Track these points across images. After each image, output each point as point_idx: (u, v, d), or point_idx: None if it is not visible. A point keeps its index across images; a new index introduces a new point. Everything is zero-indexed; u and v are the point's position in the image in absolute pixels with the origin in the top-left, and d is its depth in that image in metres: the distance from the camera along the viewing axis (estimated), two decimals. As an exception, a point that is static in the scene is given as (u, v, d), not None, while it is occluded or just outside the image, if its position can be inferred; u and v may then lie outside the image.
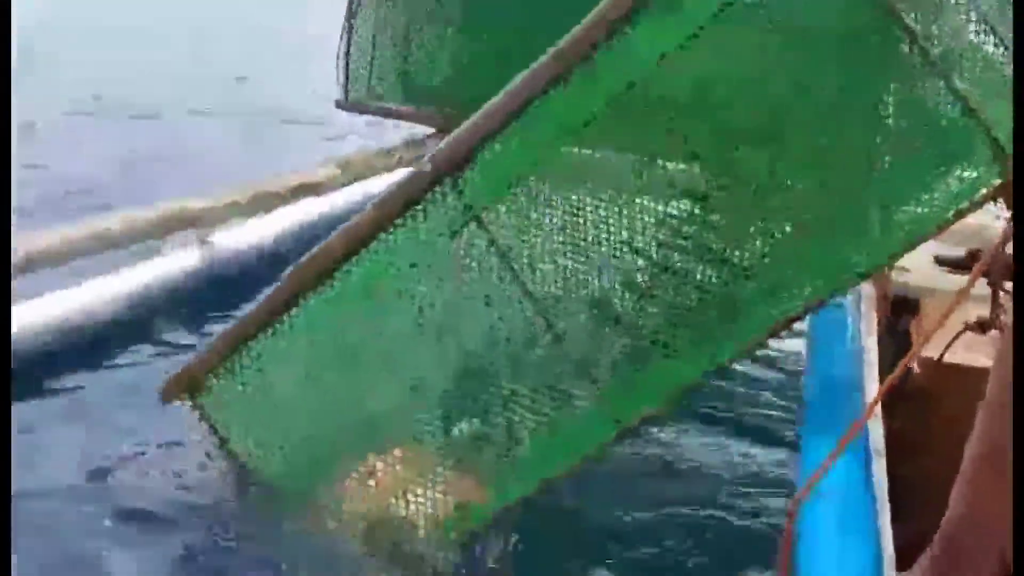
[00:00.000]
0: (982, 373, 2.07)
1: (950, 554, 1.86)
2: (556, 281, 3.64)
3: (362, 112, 6.75)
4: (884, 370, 3.52)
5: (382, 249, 3.60)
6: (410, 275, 3.64)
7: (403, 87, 6.30)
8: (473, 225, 3.56)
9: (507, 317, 3.63)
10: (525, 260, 3.60)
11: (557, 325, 3.60)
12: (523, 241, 3.60)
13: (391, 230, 3.58)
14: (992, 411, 1.83)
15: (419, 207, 3.56)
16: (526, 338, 3.65)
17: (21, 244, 5.42)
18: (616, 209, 3.62)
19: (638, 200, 3.62)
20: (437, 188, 3.54)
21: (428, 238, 3.58)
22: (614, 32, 3.36)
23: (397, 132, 7.31)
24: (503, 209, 3.58)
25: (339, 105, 6.61)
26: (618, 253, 3.63)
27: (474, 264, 3.62)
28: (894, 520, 2.35)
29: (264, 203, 6.66)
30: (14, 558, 1.93)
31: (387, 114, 6.50)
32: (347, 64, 6.47)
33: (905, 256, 3.66)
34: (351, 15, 6.42)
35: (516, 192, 3.60)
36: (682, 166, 3.58)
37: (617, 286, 3.65)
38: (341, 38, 6.46)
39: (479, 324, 3.66)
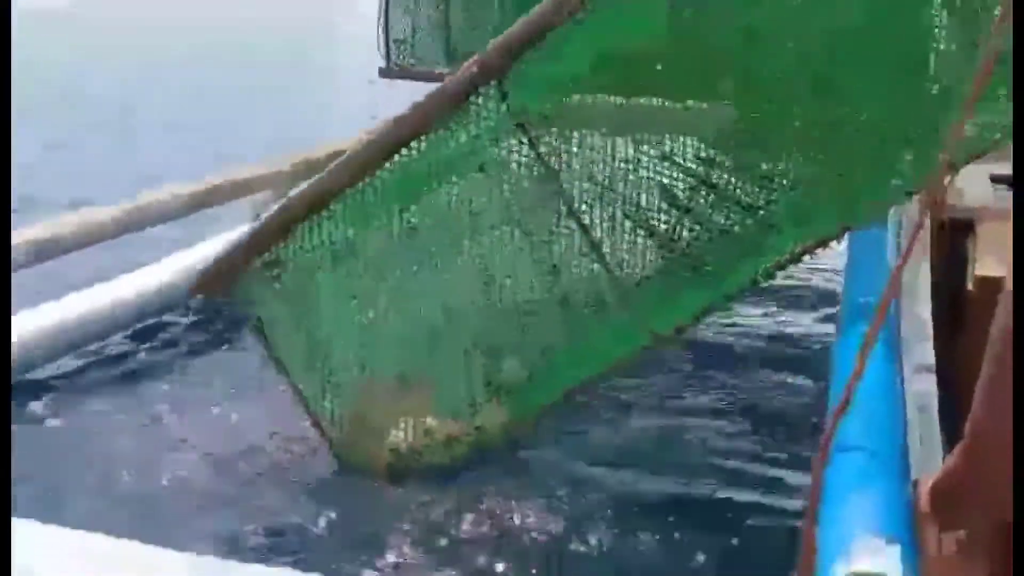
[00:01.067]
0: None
1: (974, 449, 1.88)
2: (596, 191, 3.63)
3: (405, 78, 6.52)
4: (943, 294, 3.50)
5: (420, 152, 3.60)
6: (447, 180, 3.63)
7: (446, 50, 6.19)
8: (518, 131, 3.54)
9: (544, 223, 3.64)
10: (565, 169, 3.59)
11: (595, 232, 3.61)
12: (565, 151, 3.58)
13: (433, 131, 3.56)
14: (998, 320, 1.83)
15: (463, 110, 3.54)
16: (564, 242, 3.66)
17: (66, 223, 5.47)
18: (658, 126, 3.60)
19: (681, 117, 3.59)
20: (481, 91, 3.52)
21: (471, 140, 3.57)
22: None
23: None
24: (547, 119, 3.56)
25: (382, 73, 6.53)
26: (659, 165, 3.62)
27: (515, 170, 3.61)
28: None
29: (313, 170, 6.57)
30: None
31: (431, 78, 6.15)
32: (387, 30, 6.40)
33: (960, 175, 3.62)
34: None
35: (561, 103, 3.57)
36: (724, 83, 3.55)
37: (656, 199, 3.64)
38: (380, 5, 6.38)
39: (514, 230, 3.68)
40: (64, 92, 13.87)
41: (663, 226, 3.64)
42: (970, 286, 3.45)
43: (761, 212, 3.55)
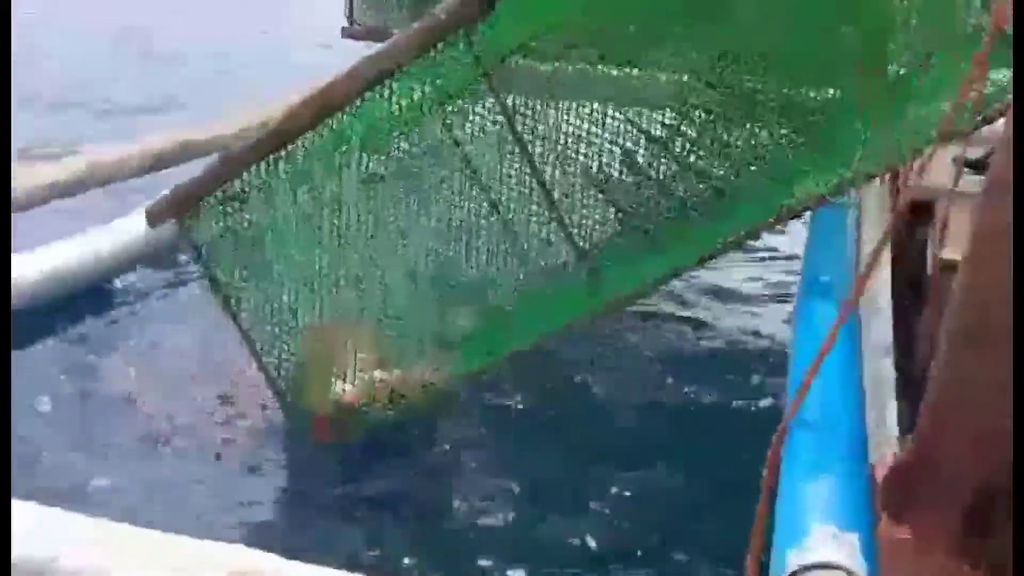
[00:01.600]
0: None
1: (933, 425, 1.88)
2: (558, 151, 3.59)
3: (369, 39, 6.11)
4: (902, 275, 3.49)
5: (382, 96, 3.51)
6: (409, 127, 3.58)
7: (413, 9, 6.05)
8: (482, 80, 3.48)
9: (504, 177, 3.62)
10: (528, 123, 3.55)
11: (554, 192, 3.57)
12: (529, 108, 3.54)
13: (398, 76, 3.48)
14: (964, 286, 1.83)
15: (430, 56, 3.46)
16: (522, 201, 3.62)
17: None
18: (625, 91, 3.56)
19: (647, 84, 3.56)
20: (450, 38, 3.44)
21: (434, 90, 3.50)
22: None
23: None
24: (514, 68, 3.50)
25: (345, 33, 6.37)
26: (623, 129, 3.59)
27: (477, 122, 3.56)
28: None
29: None
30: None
31: None
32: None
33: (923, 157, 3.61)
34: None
35: (529, 53, 3.52)
36: (693, 53, 3.52)
37: (617, 163, 3.61)
38: None
39: (473, 183, 3.64)
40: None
41: (621, 192, 3.60)
42: (930, 269, 3.44)
43: (721, 184, 3.53)
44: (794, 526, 1.99)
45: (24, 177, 5.31)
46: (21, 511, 2.00)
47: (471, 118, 3.61)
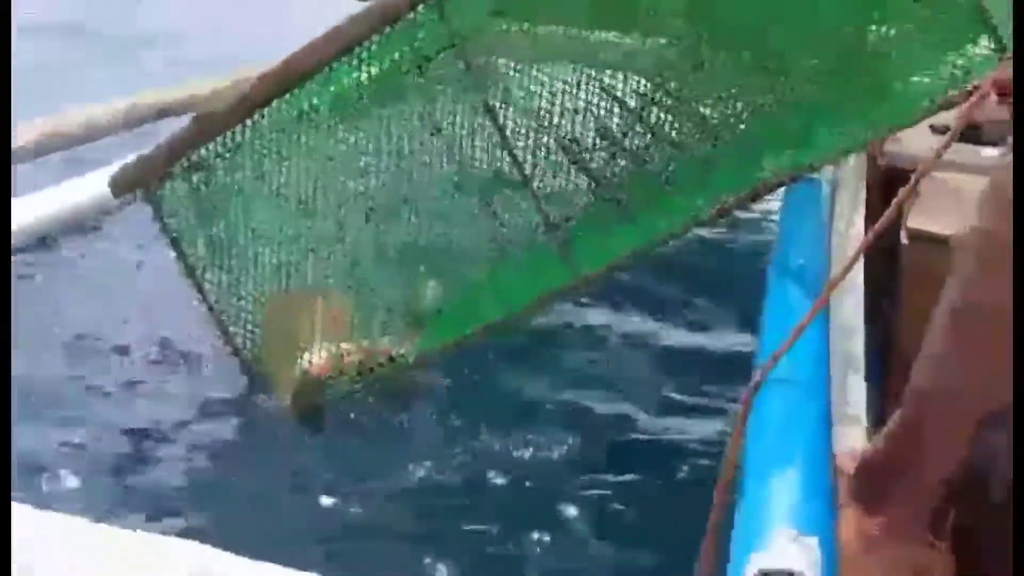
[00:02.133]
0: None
1: (919, 403, 1.85)
2: (530, 121, 3.54)
3: None
4: (876, 248, 3.43)
5: (352, 65, 3.48)
6: (379, 96, 3.53)
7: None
8: (452, 51, 3.42)
9: (476, 148, 3.58)
10: (500, 92, 3.49)
11: (526, 163, 3.52)
12: (500, 77, 3.48)
13: (366, 45, 3.44)
14: (960, 278, 1.78)
15: (397, 25, 3.41)
16: (493, 172, 3.58)
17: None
18: (599, 58, 3.51)
19: (622, 51, 3.51)
20: (420, 8, 3.39)
21: (404, 58, 3.45)
22: None
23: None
24: (484, 40, 3.45)
25: None
26: (597, 98, 3.55)
27: (447, 91, 3.51)
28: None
29: None
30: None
31: None
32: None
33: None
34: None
35: (500, 24, 3.46)
36: (671, 19, 3.47)
37: (591, 133, 3.56)
38: None
39: (444, 154, 3.61)
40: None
41: (595, 163, 3.56)
42: (903, 239, 3.40)
43: (697, 157, 3.49)
44: (751, 525, 1.95)
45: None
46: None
47: (441, 86, 3.57)
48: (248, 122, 3.63)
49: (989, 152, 3.43)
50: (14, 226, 4.85)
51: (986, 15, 3.16)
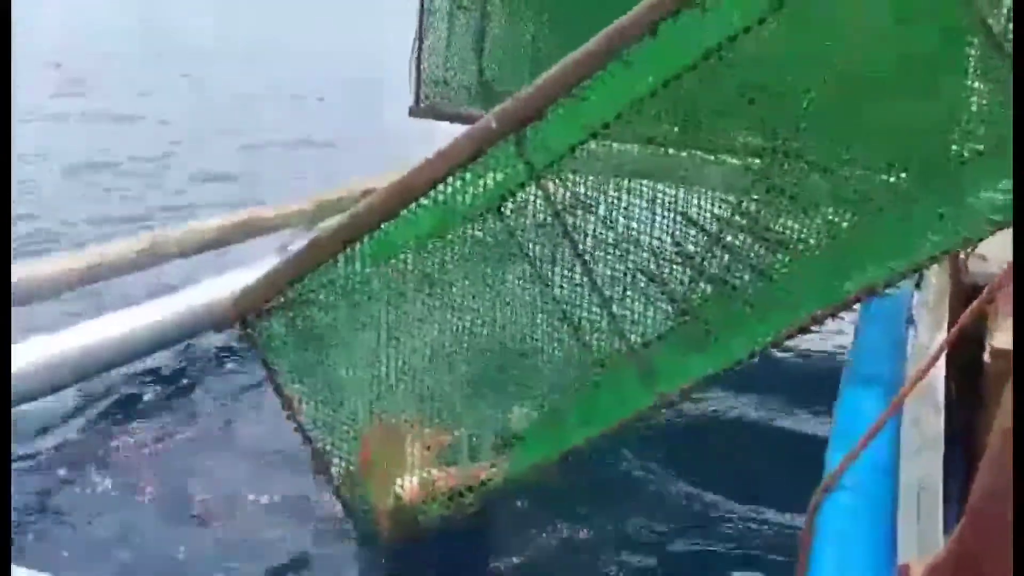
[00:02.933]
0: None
1: (977, 526, 1.85)
2: (609, 245, 3.65)
3: (436, 118, 6.51)
4: (958, 366, 3.44)
5: (437, 202, 3.61)
6: (462, 230, 3.67)
7: (481, 91, 6.22)
8: (532, 185, 3.57)
9: (557, 278, 3.67)
10: (579, 222, 3.61)
11: (605, 289, 3.62)
12: (579, 204, 3.61)
13: (449, 182, 3.57)
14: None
15: (480, 162, 3.55)
16: (573, 301, 3.68)
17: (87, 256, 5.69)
18: (674, 183, 3.61)
19: (699, 173, 3.61)
20: (500, 144, 3.53)
21: (485, 193, 3.59)
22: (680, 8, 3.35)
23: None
24: (563, 173, 3.58)
25: (412, 112, 6.56)
26: (673, 226, 3.64)
27: (529, 222, 3.64)
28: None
29: (331, 211, 6.60)
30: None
31: (463, 119, 5.95)
32: (419, 68, 6.44)
33: (983, 244, 3.60)
34: (423, 16, 6.38)
35: (577, 157, 3.59)
36: (744, 145, 3.56)
37: (670, 258, 3.65)
38: (413, 43, 6.41)
39: (525, 285, 3.70)
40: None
41: (675, 286, 3.65)
42: (987, 358, 3.40)
43: (775, 277, 3.55)
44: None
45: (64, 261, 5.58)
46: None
47: (522, 218, 3.69)
48: (342, 257, 3.79)
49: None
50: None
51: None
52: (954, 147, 3.69)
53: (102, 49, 14.79)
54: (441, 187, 3.58)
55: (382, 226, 3.70)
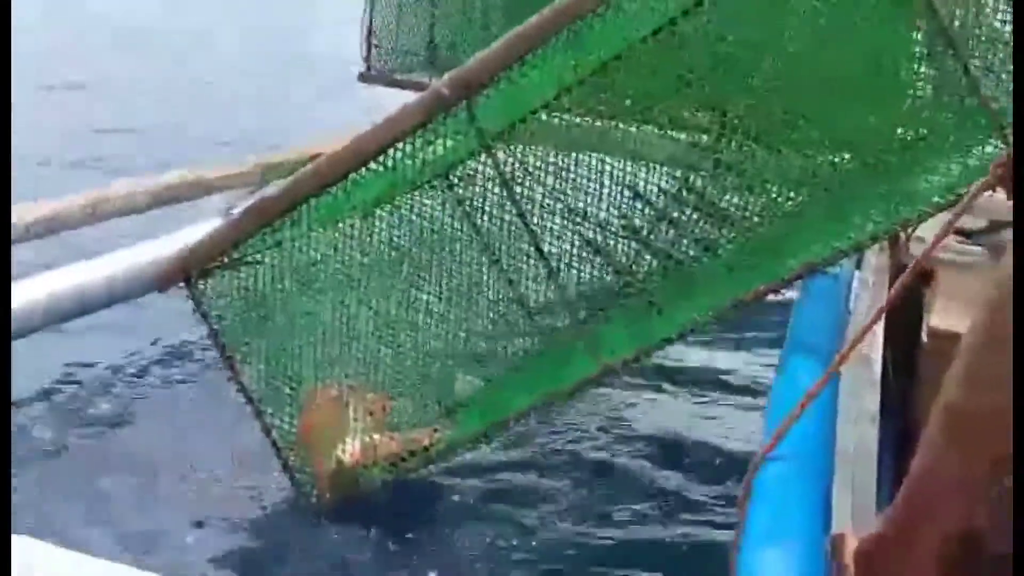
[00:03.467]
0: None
1: (911, 502, 1.86)
2: (556, 217, 3.70)
3: (386, 84, 6.58)
4: (896, 345, 3.51)
5: (386, 167, 3.64)
6: (411, 196, 3.70)
7: (431, 58, 6.24)
8: (482, 152, 3.60)
9: (504, 247, 3.71)
10: (528, 192, 3.65)
11: (551, 260, 3.67)
12: (529, 174, 3.65)
13: (399, 148, 3.60)
14: (953, 375, 1.82)
15: (431, 128, 3.57)
16: (519, 270, 3.73)
17: (29, 210, 5.52)
18: (625, 154, 3.66)
19: (648, 147, 3.66)
20: (452, 110, 3.56)
21: (435, 160, 3.62)
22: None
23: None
24: (513, 142, 3.62)
25: (362, 77, 6.61)
26: (623, 195, 3.70)
27: (477, 191, 3.67)
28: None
29: (276, 174, 6.37)
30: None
31: (413, 86, 6.03)
32: (369, 35, 6.49)
33: (922, 226, 3.68)
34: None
35: (527, 127, 3.63)
36: (695, 121, 3.62)
37: (616, 231, 3.71)
38: (364, 9, 6.46)
39: (472, 253, 3.74)
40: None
41: (620, 258, 3.70)
42: (924, 337, 3.48)
43: (720, 252, 3.62)
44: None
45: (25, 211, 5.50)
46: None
47: (471, 187, 3.73)
48: (288, 219, 3.80)
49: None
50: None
51: (1001, 121, 3.29)
52: (898, 130, 3.78)
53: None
54: (391, 152, 3.60)
55: (330, 190, 3.72)
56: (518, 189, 3.68)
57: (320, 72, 10.98)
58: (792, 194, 3.76)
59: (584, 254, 3.78)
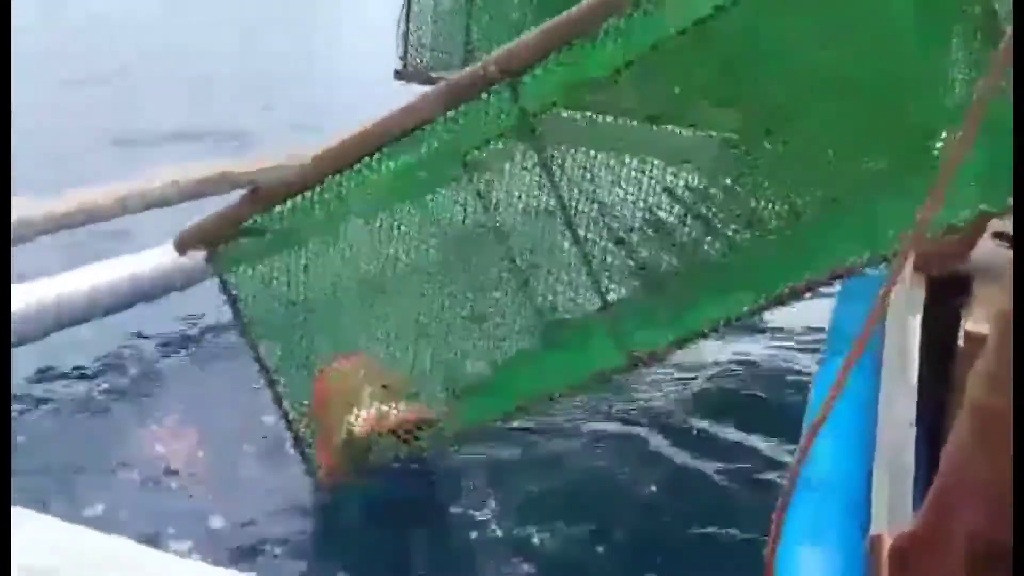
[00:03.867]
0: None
1: (940, 501, 1.92)
2: (591, 203, 3.66)
3: (422, 82, 6.35)
4: (932, 350, 3.49)
5: (424, 141, 3.61)
6: (445, 174, 3.65)
7: (465, 57, 6.20)
8: (523, 131, 3.56)
9: (533, 226, 3.67)
10: (566, 176, 3.61)
11: (585, 245, 3.63)
12: (568, 161, 3.61)
13: (438, 125, 3.57)
14: (978, 373, 1.87)
15: (472, 105, 3.55)
16: (551, 251, 3.69)
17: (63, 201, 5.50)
18: (661, 150, 3.63)
19: (683, 144, 3.63)
20: (495, 88, 3.53)
21: (473, 137, 3.57)
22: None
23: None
24: (552, 124, 3.58)
25: (398, 75, 6.56)
26: (651, 191, 3.67)
27: (514, 172, 3.63)
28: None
29: None
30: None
31: None
32: (406, 32, 6.47)
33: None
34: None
35: (568, 111, 3.60)
36: (725, 117, 3.59)
37: (648, 226, 3.67)
38: (401, 6, 6.44)
39: (503, 231, 3.70)
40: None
41: (649, 250, 3.67)
42: (961, 342, 3.45)
43: (749, 249, 3.58)
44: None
45: (49, 205, 5.50)
46: (24, 519, 2.05)
47: (509, 167, 3.68)
48: (315, 191, 3.76)
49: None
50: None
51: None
52: (929, 142, 3.72)
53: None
54: (430, 127, 3.56)
55: (363, 163, 3.67)
56: (555, 171, 3.63)
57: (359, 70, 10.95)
58: (821, 195, 3.72)
59: (612, 244, 3.74)
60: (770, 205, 3.68)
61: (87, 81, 11.65)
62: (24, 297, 4.84)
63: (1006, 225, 3.78)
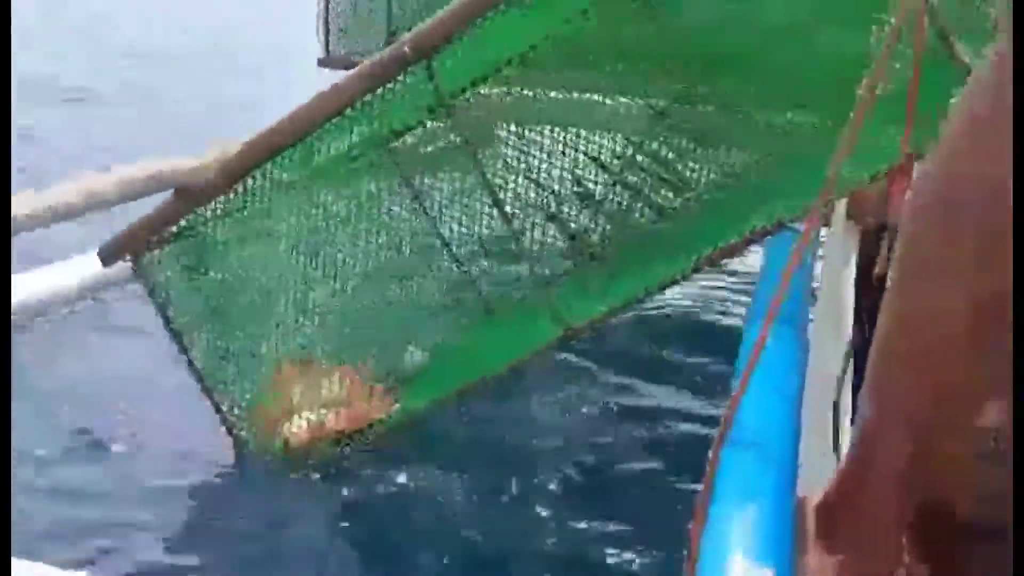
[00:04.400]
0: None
1: (858, 442, 1.71)
2: (515, 181, 3.66)
3: (346, 68, 6.41)
4: (866, 300, 3.51)
5: (343, 127, 3.59)
6: (365, 157, 3.64)
7: (388, 40, 6.16)
8: (442, 111, 3.54)
9: (462, 207, 3.66)
10: (488, 155, 3.61)
11: (513, 222, 3.63)
12: (488, 138, 3.60)
13: (357, 107, 3.55)
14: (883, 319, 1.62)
15: (390, 87, 3.52)
16: (481, 232, 3.69)
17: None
18: (582, 120, 3.63)
19: (604, 113, 3.63)
20: (410, 70, 3.50)
21: (393, 119, 3.56)
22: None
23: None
24: (472, 101, 3.57)
25: (321, 62, 6.54)
26: (578, 161, 3.67)
27: (437, 151, 3.62)
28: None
29: None
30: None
31: None
32: (326, 18, 6.47)
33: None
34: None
35: (488, 87, 3.58)
36: (654, 84, 3.59)
37: (574, 193, 3.68)
38: None
39: (431, 215, 3.70)
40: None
41: (579, 221, 3.67)
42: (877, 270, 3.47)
43: (677, 214, 3.59)
44: (714, 555, 2.01)
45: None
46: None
47: (432, 149, 3.67)
48: (232, 192, 3.73)
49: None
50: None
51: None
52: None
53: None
54: (349, 111, 3.54)
55: (284, 153, 3.65)
56: (477, 150, 3.63)
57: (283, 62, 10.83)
58: (751, 154, 3.74)
59: (542, 218, 3.74)
60: (698, 168, 3.70)
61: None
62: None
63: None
